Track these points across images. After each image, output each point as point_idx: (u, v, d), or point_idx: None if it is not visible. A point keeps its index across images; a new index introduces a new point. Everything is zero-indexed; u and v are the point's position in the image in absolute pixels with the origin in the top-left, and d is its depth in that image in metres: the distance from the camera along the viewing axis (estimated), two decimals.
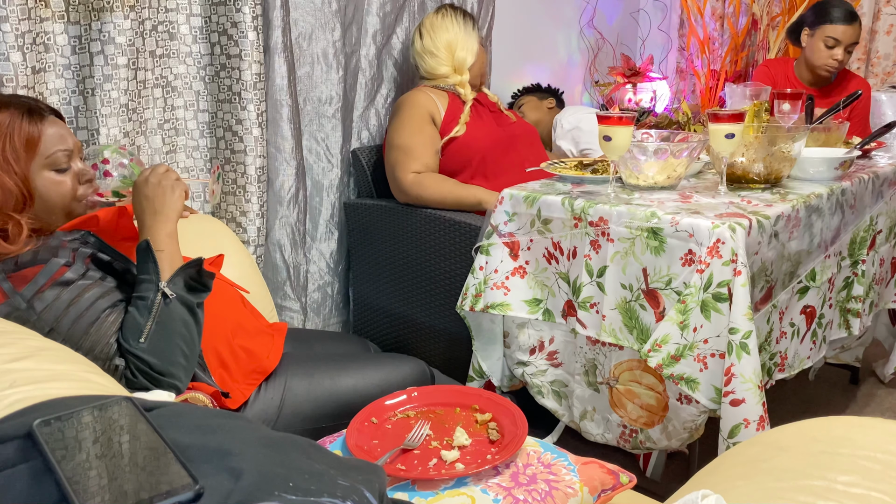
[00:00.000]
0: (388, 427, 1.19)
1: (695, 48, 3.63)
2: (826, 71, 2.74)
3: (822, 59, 2.71)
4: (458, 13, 2.36)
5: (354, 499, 0.56)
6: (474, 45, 2.34)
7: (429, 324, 2.21)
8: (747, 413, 1.44)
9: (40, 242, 1.22)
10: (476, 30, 2.36)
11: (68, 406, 0.62)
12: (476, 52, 2.34)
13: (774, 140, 1.71)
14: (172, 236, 1.29)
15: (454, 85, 2.32)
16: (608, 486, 1.10)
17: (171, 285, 1.23)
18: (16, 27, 1.60)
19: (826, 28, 2.68)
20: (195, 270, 1.27)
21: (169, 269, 1.24)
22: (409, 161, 2.17)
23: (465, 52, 2.33)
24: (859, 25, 2.70)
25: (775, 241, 1.56)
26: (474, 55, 2.34)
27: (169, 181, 1.29)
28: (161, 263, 1.24)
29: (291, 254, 2.27)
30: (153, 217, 1.28)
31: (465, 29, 2.33)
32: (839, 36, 2.66)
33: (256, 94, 2.03)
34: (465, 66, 2.33)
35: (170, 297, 1.22)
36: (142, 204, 1.29)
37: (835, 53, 2.68)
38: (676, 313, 1.48)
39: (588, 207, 1.60)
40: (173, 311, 1.22)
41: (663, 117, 2.43)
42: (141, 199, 1.29)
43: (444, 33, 2.33)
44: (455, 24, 2.33)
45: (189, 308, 1.24)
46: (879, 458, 0.73)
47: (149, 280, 1.23)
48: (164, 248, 1.26)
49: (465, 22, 2.34)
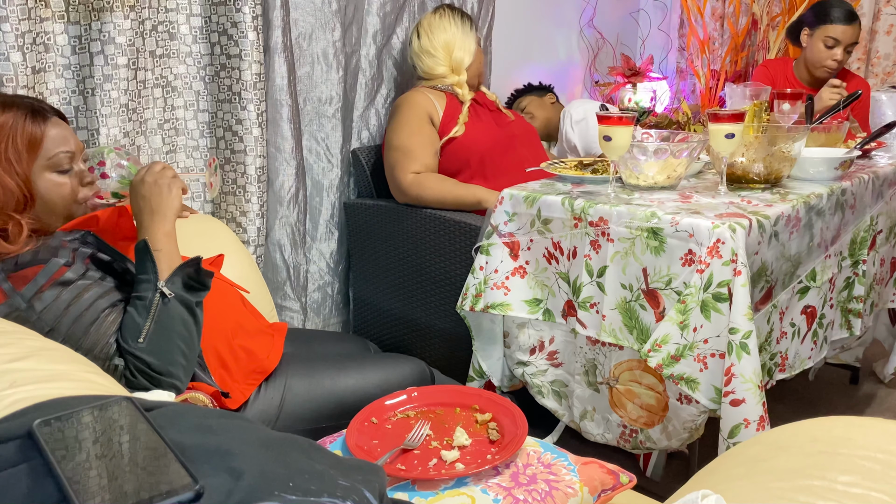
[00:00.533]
0: (388, 427, 1.19)
1: (695, 48, 3.63)
2: (826, 71, 2.74)
3: (821, 59, 2.72)
4: (456, 13, 2.35)
5: (354, 499, 0.56)
6: (472, 45, 2.33)
7: (429, 324, 2.21)
8: (748, 413, 1.44)
9: (40, 242, 1.22)
10: (474, 30, 2.36)
11: (68, 406, 0.62)
12: (473, 52, 2.34)
13: (774, 140, 1.71)
14: (171, 235, 1.28)
15: (452, 85, 2.32)
16: (608, 486, 1.10)
17: (169, 285, 1.22)
18: (16, 27, 1.60)
19: (826, 28, 2.68)
20: (194, 269, 1.27)
21: (167, 269, 1.24)
22: (409, 161, 2.17)
23: (463, 53, 2.32)
24: (859, 25, 2.71)
25: (775, 241, 1.56)
26: (472, 55, 2.33)
27: (165, 179, 1.29)
28: (159, 263, 1.24)
29: (291, 254, 2.27)
30: (150, 217, 1.28)
31: (462, 29, 2.33)
32: (839, 36, 2.67)
33: (256, 94, 2.03)
34: (463, 67, 2.32)
35: (168, 297, 1.22)
36: (139, 204, 1.29)
37: (834, 53, 2.69)
38: (676, 313, 1.48)
39: (588, 207, 1.60)
40: (172, 311, 1.22)
41: (663, 117, 2.43)
42: (138, 198, 1.29)
43: (441, 33, 2.32)
44: (453, 25, 2.33)
45: (188, 307, 1.24)
46: (879, 458, 0.73)
47: (147, 280, 1.22)
48: (161, 248, 1.25)
49: (462, 22, 2.34)
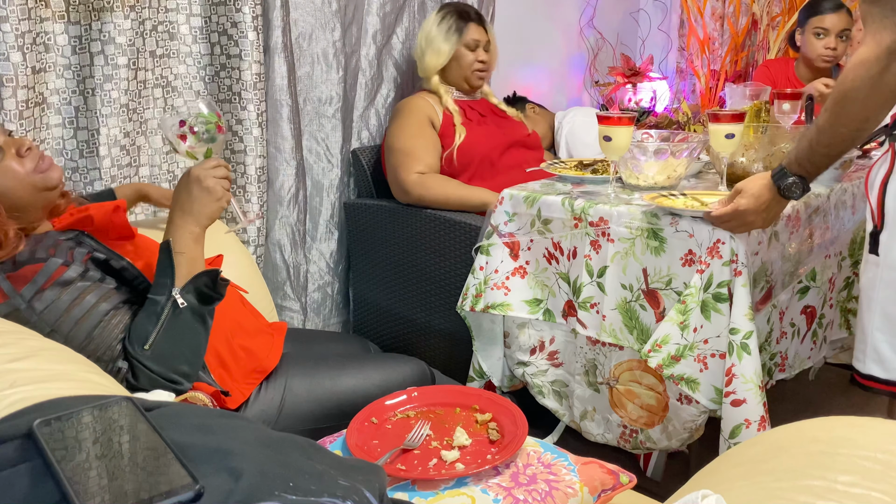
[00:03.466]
0: (388, 427, 1.19)
1: (695, 48, 3.63)
2: (824, 62, 2.76)
3: (815, 51, 2.76)
4: (440, 14, 2.31)
5: (355, 499, 0.56)
6: (443, 47, 2.27)
7: (429, 324, 2.21)
8: (748, 413, 1.44)
9: (33, 240, 1.21)
10: (457, 32, 2.28)
11: (68, 406, 0.62)
12: (447, 54, 2.28)
13: (774, 140, 1.71)
14: (198, 240, 1.25)
15: (434, 87, 2.31)
16: (608, 486, 1.10)
17: (183, 293, 1.20)
18: (16, 27, 1.60)
19: (813, 21, 2.75)
20: (211, 279, 1.25)
21: (186, 275, 1.22)
22: (412, 162, 2.17)
23: (432, 55, 2.29)
24: (847, 13, 2.75)
25: (775, 242, 1.56)
26: (442, 57, 2.28)
27: (211, 181, 1.25)
28: (179, 268, 1.21)
29: (291, 254, 2.27)
30: (182, 216, 1.25)
31: (438, 30, 2.28)
32: (826, 24, 2.72)
33: (256, 94, 2.03)
34: (432, 70, 2.30)
35: (180, 307, 1.20)
36: (180, 195, 1.25)
37: (827, 42, 2.73)
38: (676, 313, 1.48)
39: (588, 207, 1.60)
40: (182, 320, 1.20)
41: (663, 117, 2.43)
42: (181, 189, 1.25)
43: (422, 35, 2.33)
44: (430, 25, 2.30)
45: (199, 316, 1.23)
46: (879, 458, 0.73)
47: (163, 284, 1.21)
48: (184, 251, 1.23)
49: (441, 24, 2.28)
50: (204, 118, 1.30)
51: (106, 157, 1.83)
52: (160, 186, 1.83)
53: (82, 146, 1.82)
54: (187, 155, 1.30)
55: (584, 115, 2.69)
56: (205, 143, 1.30)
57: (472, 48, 2.30)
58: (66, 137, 1.81)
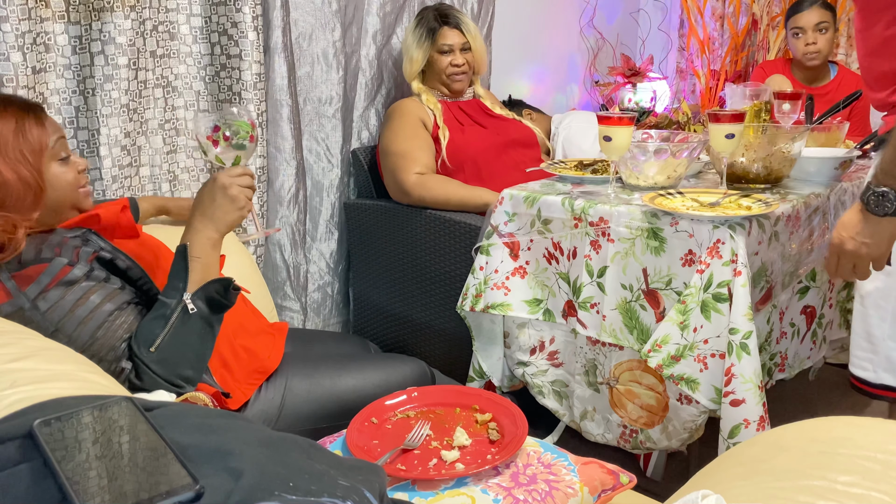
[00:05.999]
0: (388, 427, 1.19)
1: (695, 48, 3.63)
2: (810, 59, 2.82)
3: (799, 50, 2.83)
4: (416, 20, 2.33)
5: (355, 499, 0.56)
6: (417, 53, 2.30)
7: (429, 324, 2.21)
8: (748, 413, 1.44)
9: (39, 238, 1.21)
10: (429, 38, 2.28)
11: (68, 406, 0.62)
12: (420, 61, 2.30)
13: (774, 140, 1.71)
14: (216, 245, 1.25)
15: (416, 91, 2.33)
16: (608, 486, 1.10)
17: (194, 299, 1.20)
18: (16, 27, 1.60)
19: (790, 23, 2.86)
20: (223, 287, 1.24)
21: (199, 280, 1.22)
22: (410, 163, 2.17)
23: (407, 62, 2.33)
24: (821, 6, 2.81)
25: (775, 242, 1.56)
26: (416, 64, 2.31)
27: (236, 189, 1.24)
28: (192, 272, 1.21)
29: (291, 254, 2.27)
30: (203, 220, 1.25)
31: (413, 37, 2.31)
32: (801, 23, 2.80)
33: (256, 94, 2.03)
34: (410, 76, 2.34)
35: (190, 312, 1.20)
36: (203, 200, 1.25)
37: (805, 39, 2.80)
38: (676, 313, 1.48)
39: (588, 207, 1.60)
40: (191, 325, 1.20)
41: (663, 117, 2.43)
42: (204, 194, 1.25)
43: (403, 41, 2.37)
44: (408, 32, 2.34)
45: (208, 323, 1.23)
46: (879, 458, 0.73)
47: (175, 287, 1.21)
48: (200, 256, 1.23)
49: (415, 30, 2.31)
50: (239, 126, 1.31)
51: (106, 157, 1.83)
52: (178, 198, 1.83)
53: (83, 146, 1.82)
54: (216, 160, 1.31)
55: (581, 120, 2.66)
56: (234, 151, 1.31)
57: (446, 52, 2.30)
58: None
